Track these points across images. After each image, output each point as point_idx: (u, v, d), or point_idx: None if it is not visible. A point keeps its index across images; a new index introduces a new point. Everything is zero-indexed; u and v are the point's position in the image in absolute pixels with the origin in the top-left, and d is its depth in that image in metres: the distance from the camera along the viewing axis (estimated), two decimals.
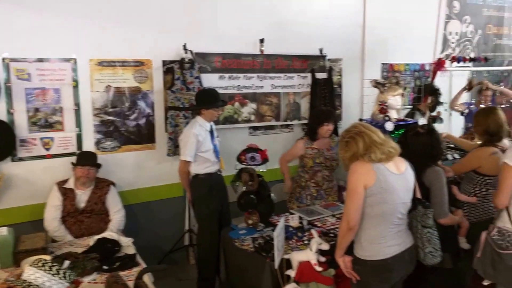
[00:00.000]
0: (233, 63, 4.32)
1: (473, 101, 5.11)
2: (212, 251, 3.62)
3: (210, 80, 4.20)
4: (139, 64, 3.94)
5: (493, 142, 3.21)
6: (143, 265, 2.80)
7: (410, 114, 4.79)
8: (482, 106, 4.87)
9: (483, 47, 6.14)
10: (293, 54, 4.64)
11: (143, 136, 4.05)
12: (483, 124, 3.26)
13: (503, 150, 3.24)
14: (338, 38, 4.96)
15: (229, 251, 3.20)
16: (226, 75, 4.30)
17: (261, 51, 4.42)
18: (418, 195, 2.61)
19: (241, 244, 3.05)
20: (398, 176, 2.39)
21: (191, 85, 4.02)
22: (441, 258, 2.62)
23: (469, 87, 5.01)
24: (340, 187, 4.06)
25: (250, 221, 3.29)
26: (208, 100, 3.59)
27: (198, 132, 3.54)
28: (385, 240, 2.38)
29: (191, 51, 4.04)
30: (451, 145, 4.76)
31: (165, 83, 4.04)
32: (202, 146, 3.57)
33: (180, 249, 4.30)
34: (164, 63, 4.02)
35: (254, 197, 3.26)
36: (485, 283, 2.76)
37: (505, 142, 3.36)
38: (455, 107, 4.92)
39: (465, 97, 5.28)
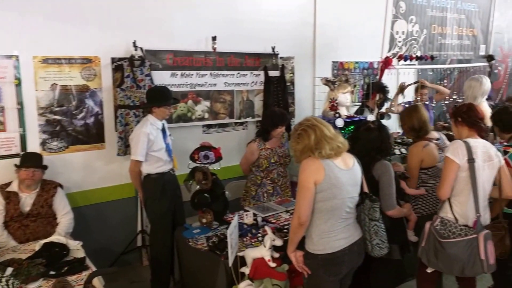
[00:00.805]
0: (185, 60, 4.26)
1: (411, 101, 5.28)
2: (166, 251, 3.57)
3: (162, 78, 4.13)
4: (86, 61, 3.81)
5: (421, 137, 3.42)
6: (93, 268, 2.73)
7: (359, 111, 4.91)
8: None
9: (429, 46, 6.39)
10: (246, 52, 4.64)
11: (91, 135, 3.92)
12: (408, 122, 3.49)
13: (437, 144, 3.46)
14: (290, 37, 5.02)
15: (183, 251, 3.17)
16: (178, 72, 4.24)
17: (214, 48, 4.39)
18: (366, 189, 2.69)
19: (195, 244, 3.02)
20: (346, 172, 2.45)
21: (141, 82, 3.94)
22: (388, 249, 2.71)
23: (401, 91, 5.20)
24: (293, 182, 4.12)
25: (204, 220, 3.26)
26: (159, 98, 3.52)
27: (149, 131, 3.46)
28: (334, 234, 2.44)
29: (141, 48, 3.96)
30: (398, 140, 4.94)
31: (115, 81, 3.94)
32: (154, 145, 3.50)
33: (132, 250, 4.22)
34: (113, 60, 3.91)
35: (207, 195, 3.24)
36: (429, 270, 2.90)
37: (434, 133, 3.61)
38: (392, 109, 5.12)
39: (409, 96, 5.45)
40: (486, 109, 4.51)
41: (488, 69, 6.07)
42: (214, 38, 4.36)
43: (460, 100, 5.35)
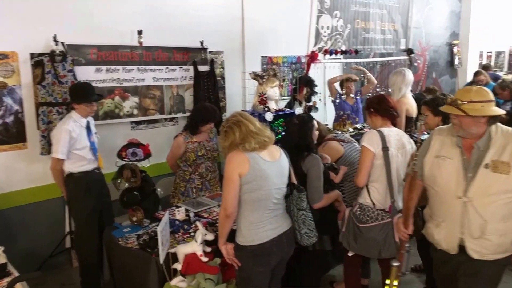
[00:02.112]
0: (110, 55, 4.15)
1: (339, 93, 5.50)
2: (93, 252, 3.48)
3: (86, 73, 4.00)
4: (2, 57, 3.61)
5: (321, 143, 3.65)
6: (16, 274, 2.60)
7: (289, 105, 5.05)
8: (350, 96, 5.33)
9: (353, 40, 6.67)
10: (174, 46, 4.60)
11: (12, 135, 3.73)
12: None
13: (337, 139, 3.72)
14: (218, 31, 5.03)
15: (113, 250, 3.10)
16: (103, 67, 4.12)
17: (140, 42, 4.30)
18: (294, 180, 2.79)
19: (125, 242, 2.98)
20: (272, 164, 2.53)
21: (64, 78, 3.79)
22: (316, 238, 2.83)
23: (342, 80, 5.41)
24: (223, 176, 4.15)
25: (134, 218, 3.22)
26: (80, 94, 3.42)
27: (71, 128, 3.36)
28: (262, 225, 2.51)
29: (62, 43, 3.81)
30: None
31: (35, 77, 3.76)
32: (77, 143, 3.40)
33: (61, 252, 4.08)
34: (32, 55, 3.73)
35: (137, 193, 3.20)
36: (350, 254, 3.09)
37: (331, 135, 3.90)
38: (332, 88, 5.27)
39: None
40: (411, 100, 4.79)
41: (408, 62, 6.44)
42: (140, 32, 4.27)
43: (382, 92, 5.65)
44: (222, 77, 5.17)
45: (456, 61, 9.22)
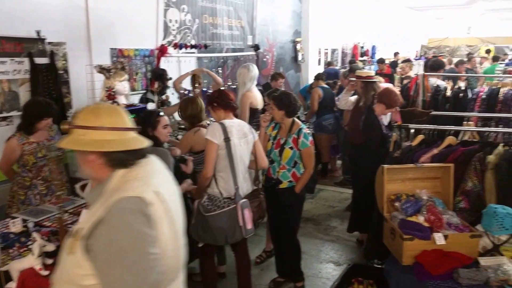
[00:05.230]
0: None
1: (190, 90, 5.48)
2: None
3: None
4: None
5: (194, 124, 3.73)
6: None
7: (142, 99, 4.87)
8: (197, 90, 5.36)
9: (202, 35, 6.71)
10: (2, 35, 4.04)
11: None
12: (185, 110, 3.77)
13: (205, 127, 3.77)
14: (58, 20, 4.58)
15: None
16: None
17: None
18: None
19: None
20: None
21: None
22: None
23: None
24: (72, 179, 3.84)
25: None
26: None
27: None
28: None
29: None
30: (182, 126, 5.08)
31: None
32: None
33: None
34: None
35: None
36: (200, 245, 3.17)
37: (206, 122, 3.93)
38: (178, 88, 5.23)
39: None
40: (256, 94, 5.03)
41: (255, 58, 6.75)
42: None
43: (234, 86, 5.82)
44: (66, 71, 4.73)
45: (300, 57, 9.97)
